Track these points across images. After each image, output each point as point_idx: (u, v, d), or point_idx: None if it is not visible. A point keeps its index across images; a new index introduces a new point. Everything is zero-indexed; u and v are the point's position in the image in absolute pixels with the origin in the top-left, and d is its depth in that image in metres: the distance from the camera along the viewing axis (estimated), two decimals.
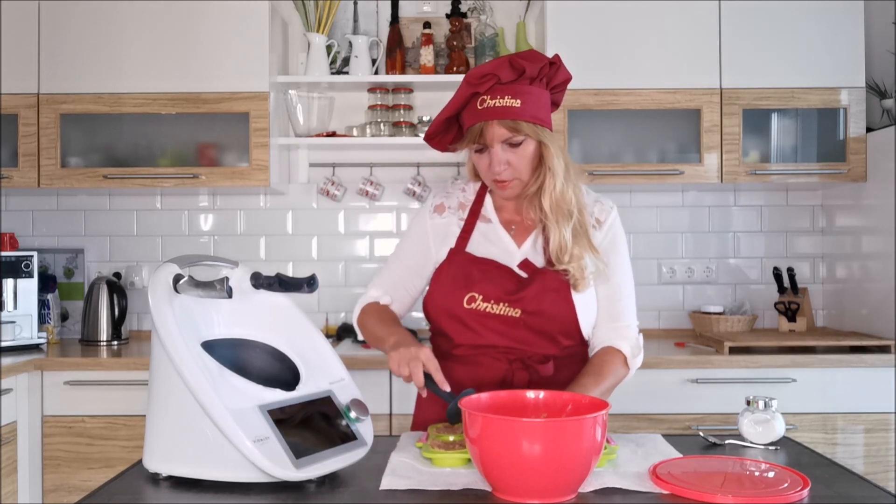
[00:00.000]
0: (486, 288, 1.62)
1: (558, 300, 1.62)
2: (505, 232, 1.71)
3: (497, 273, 1.64)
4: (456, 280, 1.65)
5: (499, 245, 1.69)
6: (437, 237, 1.74)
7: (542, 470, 1.14)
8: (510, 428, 1.14)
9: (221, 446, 1.21)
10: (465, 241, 1.70)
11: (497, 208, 1.74)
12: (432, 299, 1.68)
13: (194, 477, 1.27)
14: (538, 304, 1.61)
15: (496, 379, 1.63)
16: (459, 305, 1.63)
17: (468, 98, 1.61)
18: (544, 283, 1.62)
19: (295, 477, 1.22)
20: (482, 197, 1.75)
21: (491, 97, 1.57)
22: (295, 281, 1.41)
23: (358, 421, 1.37)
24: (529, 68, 1.58)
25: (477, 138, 1.60)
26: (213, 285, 1.39)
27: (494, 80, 1.57)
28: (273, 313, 1.46)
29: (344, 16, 3.25)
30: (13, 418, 2.55)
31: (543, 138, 1.61)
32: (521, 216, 1.72)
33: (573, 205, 1.63)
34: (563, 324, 1.63)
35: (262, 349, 1.43)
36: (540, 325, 1.62)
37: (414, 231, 1.78)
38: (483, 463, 1.19)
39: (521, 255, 1.68)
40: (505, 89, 1.57)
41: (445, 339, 1.69)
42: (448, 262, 1.68)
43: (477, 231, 1.71)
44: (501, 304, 1.61)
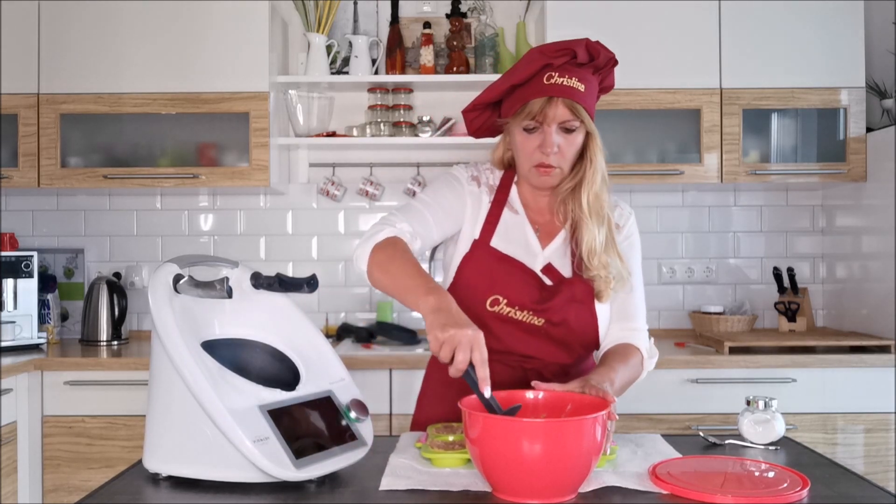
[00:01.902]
0: (510, 292, 1.57)
1: (583, 311, 1.58)
2: (531, 229, 1.64)
3: (522, 278, 1.58)
4: (481, 278, 1.58)
5: (522, 243, 1.62)
6: (472, 206, 1.63)
7: (541, 470, 1.14)
8: (510, 428, 1.14)
9: (221, 446, 1.21)
10: (491, 232, 1.61)
11: (524, 204, 1.66)
12: (455, 293, 1.59)
13: (194, 477, 1.27)
14: (563, 314, 1.57)
15: (510, 386, 1.53)
16: (482, 306, 1.57)
17: (539, 70, 1.51)
18: (571, 294, 1.57)
19: (295, 477, 1.22)
20: (507, 186, 1.66)
21: (560, 75, 1.49)
22: (295, 281, 1.41)
23: (358, 421, 1.37)
24: (600, 57, 1.53)
25: (535, 115, 1.51)
26: (213, 285, 1.39)
27: (569, 57, 1.50)
28: (273, 313, 1.45)
29: (344, 16, 3.25)
30: (13, 418, 2.55)
31: (593, 130, 1.55)
32: (548, 216, 1.66)
33: (607, 207, 1.58)
34: (585, 335, 1.60)
35: (262, 349, 1.43)
36: (562, 336, 1.59)
37: (450, 185, 1.65)
38: (483, 463, 1.19)
39: (544, 258, 1.62)
40: (575, 70, 1.51)
41: None
42: (472, 255, 1.60)
43: (502, 222, 1.63)
44: (526, 311, 1.57)
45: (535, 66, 1.50)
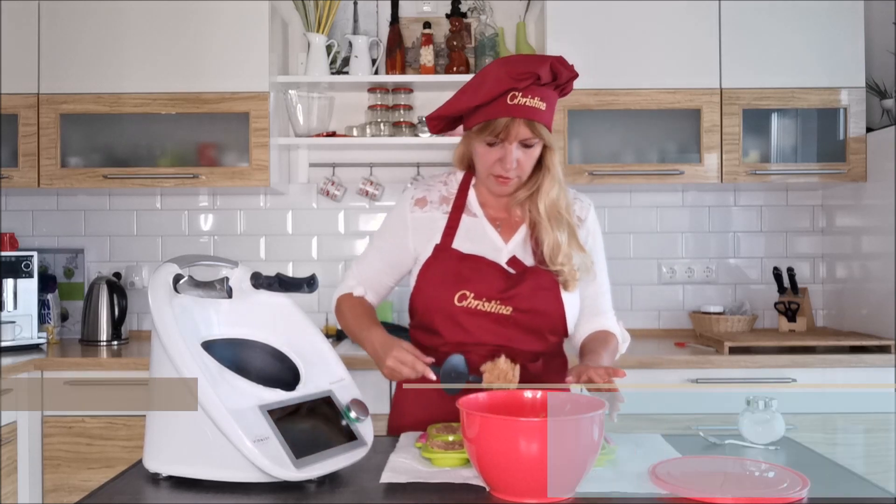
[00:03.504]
0: (477, 286, 1.63)
1: (549, 298, 1.65)
2: (491, 227, 1.71)
3: (487, 270, 1.65)
4: (446, 277, 1.65)
5: (485, 241, 1.69)
6: (417, 232, 1.72)
7: (539, 469, 1.14)
8: (508, 427, 1.14)
9: (221, 446, 1.21)
10: (451, 237, 1.69)
11: (481, 203, 1.74)
12: (422, 296, 1.68)
13: (194, 477, 1.27)
14: (530, 301, 1.63)
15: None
16: (451, 303, 1.63)
17: (504, 92, 1.57)
18: (537, 282, 1.64)
19: (295, 477, 1.22)
20: (466, 190, 1.74)
21: (523, 95, 1.56)
22: (295, 281, 1.41)
23: (358, 421, 1.37)
24: (562, 76, 1.60)
25: (498, 132, 1.58)
26: (213, 285, 1.39)
27: (533, 80, 1.56)
28: (273, 313, 1.46)
29: (344, 16, 3.25)
30: (13, 418, 2.55)
31: (551, 143, 1.63)
32: (506, 213, 1.73)
33: (565, 208, 1.67)
34: (553, 321, 1.66)
35: (262, 349, 1.43)
36: (530, 323, 1.64)
37: (393, 224, 1.77)
38: (481, 462, 1.19)
39: (508, 251, 1.69)
40: (537, 90, 1.57)
41: (434, 336, 1.68)
42: (435, 258, 1.68)
43: (462, 226, 1.70)
44: (493, 301, 1.63)
45: (500, 90, 1.57)
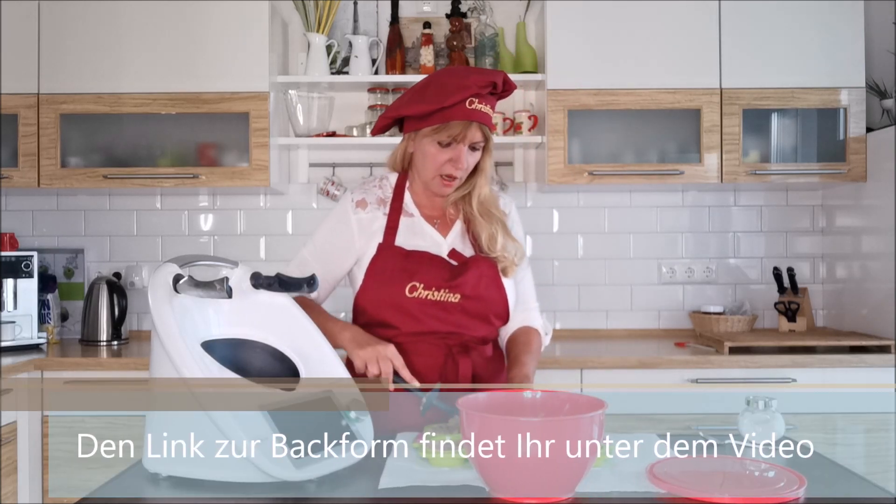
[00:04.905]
0: (424, 277, 1.73)
1: (492, 285, 1.77)
2: (429, 225, 1.82)
3: (432, 263, 1.75)
4: (394, 272, 1.74)
5: (425, 237, 1.80)
6: (362, 232, 1.80)
7: (539, 469, 1.14)
8: (507, 427, 1.14)
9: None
10: (393, 235, 1.78)
11: (416, 204, 1.84)
12: (370, 293, 1.76)
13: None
14: (475, 288, 1.75)
15: (437, 364, 1.73)
16: (402, 295, 1.72)
17: (465, 98, 1.69)
18: (479, 270, 1.76)
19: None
20: (401, 193, 1.83)
21: (479, 101, 1.69)
22: (295, 281, 1.41)
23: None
24: (508, 89, 1.75)
25: (455, 135, 1.69)
26: (212, 285, 1.39)
27: (491, 88, 1.70)
28: (273, 313, 1.46)
29: (344, 16, 3.25)
30: (13, 418, 2.55)
31: (491, 147, 1.77)
32: (440, 212, 1.84)
33: (494, 204, 1.81)
34: (498, 306, 1.78)
35: (262, 349, 1.43)
36: (477, 309, 1.75)
37: (336, 224, 1.83)
38: (480, 462, 1.19)
39: (448, 244, 1.81)
40: (490, 99, 1.72)
41: (387, 329, 1.75)
42: (380, 255, 1.76)
43: (402, 225, 1.80)
44: (442, 290, 1.73)
45: (463, 96, 1.67)
